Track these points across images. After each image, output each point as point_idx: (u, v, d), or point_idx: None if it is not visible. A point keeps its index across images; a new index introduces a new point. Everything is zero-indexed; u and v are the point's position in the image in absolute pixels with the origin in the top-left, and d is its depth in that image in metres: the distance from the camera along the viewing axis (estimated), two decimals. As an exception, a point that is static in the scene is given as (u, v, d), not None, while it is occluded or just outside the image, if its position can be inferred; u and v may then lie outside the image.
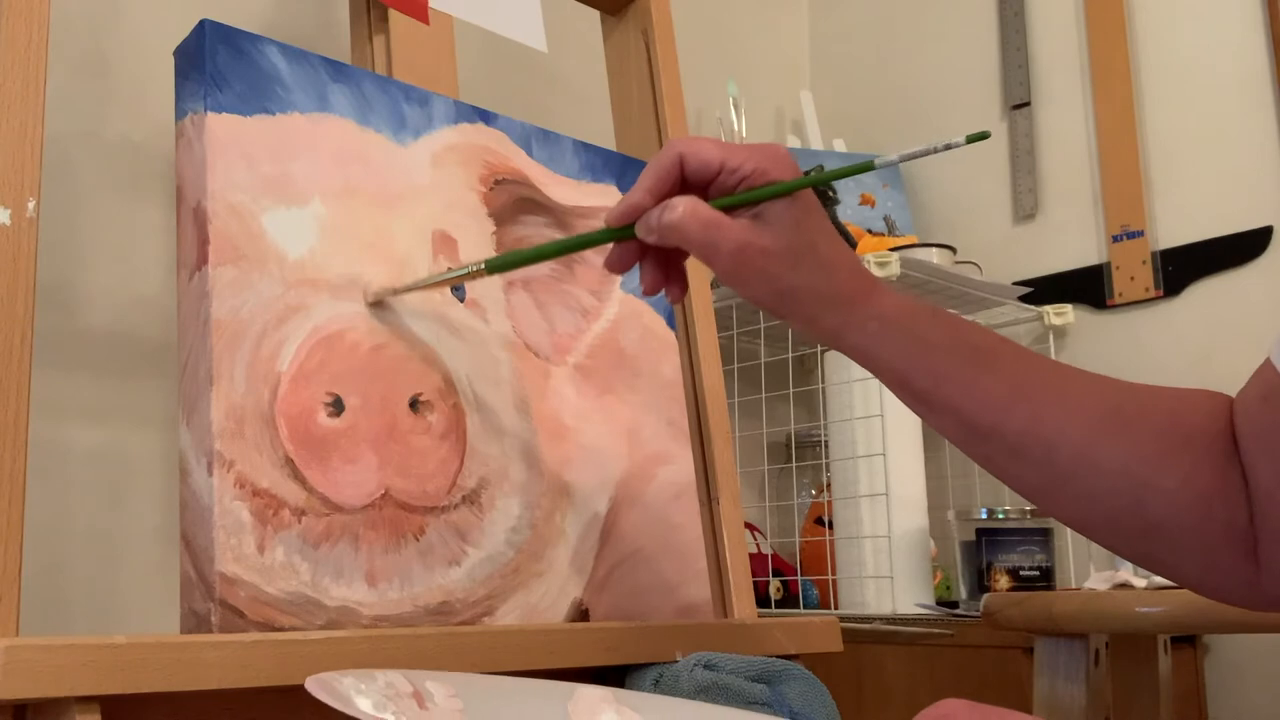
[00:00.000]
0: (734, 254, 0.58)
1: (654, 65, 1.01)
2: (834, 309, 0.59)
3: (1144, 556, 0.58)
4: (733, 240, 0.58)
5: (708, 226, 0.58)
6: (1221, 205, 1.43)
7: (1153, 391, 0.58)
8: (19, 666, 0.51)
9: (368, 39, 0.89)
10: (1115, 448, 0.55)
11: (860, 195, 1.65)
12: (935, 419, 0.60)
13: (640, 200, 0.60)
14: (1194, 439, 0.55)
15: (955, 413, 0.58)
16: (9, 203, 0.61)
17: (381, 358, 0.72)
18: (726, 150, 0.59)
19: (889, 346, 0.59)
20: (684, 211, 0.58)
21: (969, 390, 0.57)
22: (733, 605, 0.90)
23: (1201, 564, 0.55)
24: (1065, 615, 0.91)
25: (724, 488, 0.93)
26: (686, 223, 0.58)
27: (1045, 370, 0.59)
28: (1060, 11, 1.61)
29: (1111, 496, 0.55)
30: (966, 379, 0.57)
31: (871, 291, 0.59)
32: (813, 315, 0.60)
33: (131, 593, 0.98)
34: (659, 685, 0.73)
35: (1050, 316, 1.50)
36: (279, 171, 0.71)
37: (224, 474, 0.63)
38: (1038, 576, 1.22)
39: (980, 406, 0.57)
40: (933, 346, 0.58)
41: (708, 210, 0.58)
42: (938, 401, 0.59)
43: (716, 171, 0.59)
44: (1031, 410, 0.56)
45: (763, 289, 0.59)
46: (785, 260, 0.58)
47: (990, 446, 0.58)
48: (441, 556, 0.72)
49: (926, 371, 0.58)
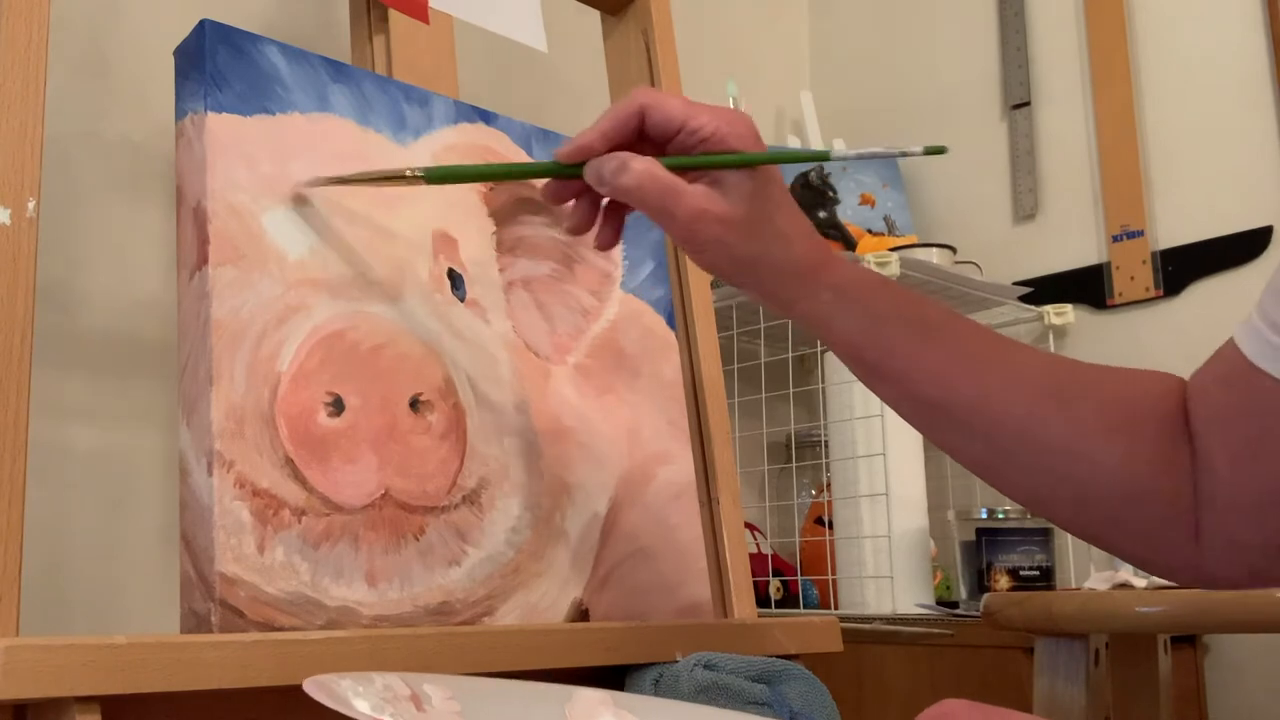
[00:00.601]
0: (690, 221, 0.57)
1: (654, 65, 1.01)
2: (789, 280, 0.59)
3: (1087, 532, 0.59)
4: (689, 207, 0.57)
5: (665, 192, 0.57)
6: (1221, 205, 1.42)
7: (1101, 370, 0.59)
8: (19, 666, 0.51)
9: (368, 39, 0.89)
10: (1059, 424, 0.55)
11: (860, 195, 1.65)
12: (884, 390, 0.61)
13: (592, 142, 0.59)
14: (1139, 418, 0.55)
15: (903, 384, 0.59)
16: (9, 203, 0.61)
17: (381, 358, 0.72)
18: (690, 109, 0.59)
19: (842, 317, 0.59)
20: (640, 173, 0.57)
21: (917, 362, 0.58)
22: (733, 605, 0.90)
23: (1143, 541, 0.56)
24: (1065, 615, 0.91)
25: (724, 488, 0.93)
26: (644, 185, 0.57)
27: (994, 345, 0.59)
28: (1060, 11, 1.61)
29: (1054, 472, 0.56)
30: (915, 351, 0.58)
31: (826, 263, 0.60)
32: (767, 285, 0.60)
33: (131, 593, 0.98)
34: (659, 685, 0.73)
35: (1050, 316, 1.50)
36: (279, 171, 0.71)
37: (224, 474, 0.63)
38: (1038, 576, 1.22)
39: (928, 379, 0.58)
40: (884, 318, 0.59)
41: (665, 174, 0.57)
42: (887, 372, 0.59)
43: (677, 130, 0.58)
44: (978, 384, 0.57)
45: (718, 257, 0.59)
46: (741, 229, 0.58)
47: (937, 418, 0.59)
48: (441, 556, 0.72)
49: (877, 343, 0.59)
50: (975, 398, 0.57)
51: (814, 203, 1.59)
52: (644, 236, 0.91)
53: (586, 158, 0.59)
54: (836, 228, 1.59)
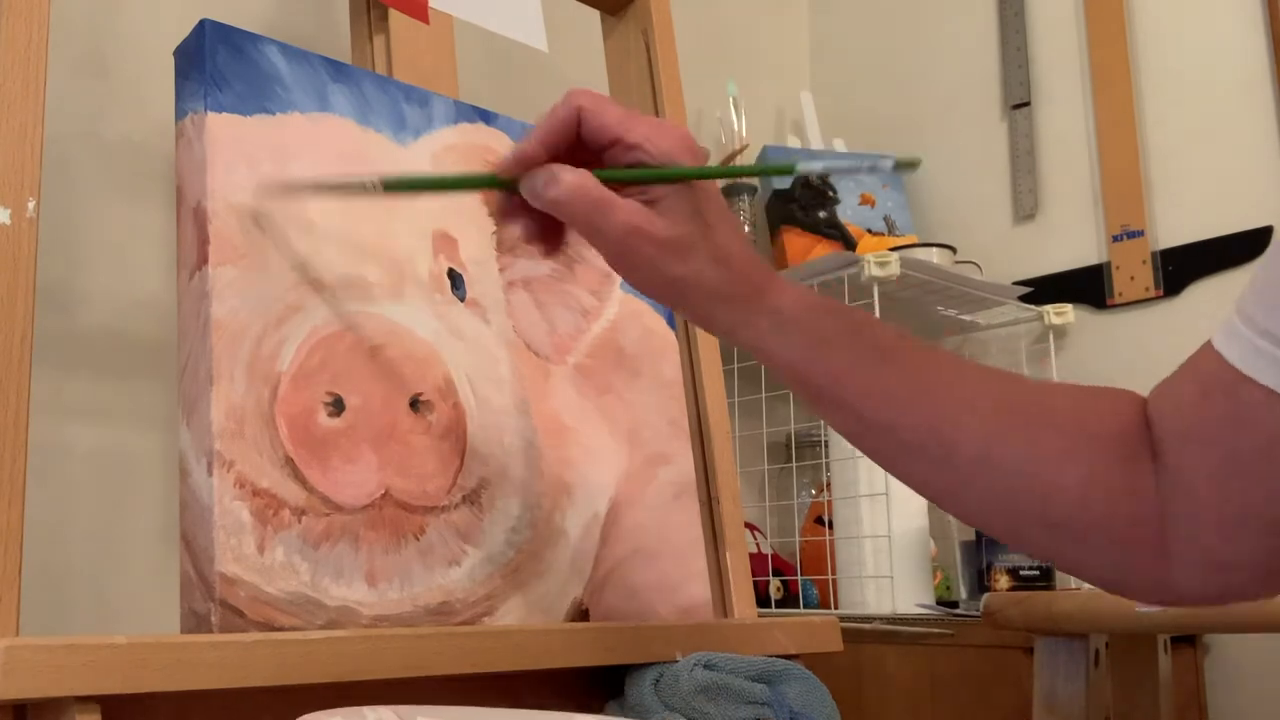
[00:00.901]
0: (620, 239, 0.55)
1: (654, 65, 1.01)
2: (724, 305, 0.57)
3: (1052, 556, 0.56)
4: (620, 224, 0.54)
5: (595, 206, 0.54)
6: (1221, 205, 1.42)
7: (1058, 390, 0.57)
8: (19, 666, 0.51)
9: (368, 39, 0.89)
10: (1015, 446, 0.53)
11: (860, 195, 1.65)
12: (830, 415, 0.58)
13: (531, 152, 0.56)
14: (1097, 437, 0.53)
15: (851, 409, 0.56)
16: (9, 203, 0.61)
17: (381, 358, 0.72)
18: (626, 123, 0.56)
19: (784, 344, 0.57)
20: (570, 186, 0.55)
21: (867, 388, 0.56)
22: (733, 605, 0.90)
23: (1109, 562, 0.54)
24: (1065, 615, 0.91)
25: (724, 488, 0.93)
26: (573, 200, 0.55)
27: (946, 368, 0.57)
28: (1060, 11, 1.61)
29: (1013, 496, 0.54)
30: (865, 376, 0.56)
31: (766, 288, 0.57)
32: (702, 309, 0.58)
33: (131, 593, 0.98)
34: (659, 685, 0.73)
35: (1050, 316, 1.50)
36: (279, 171, 0.71)
37: (224, 474, 0.63)
38: (1038, 576, 1.22)
39: (878, 404, 0.56)
40: (830, 343, 0.56)
41: (597, 188, 0.55)
42: (833, 398, 0.57)
43: (612, 141, 0.56)
44: (931, 408, 0.55)
45: (649, 278, 0.57)
46: (675, 250, 0.55)
47: (887, 444, 0.57)
48: (441, 556, 0.72)
49: (823, 369, 0.56)
50: (930, 422, 0.55)
51: (814, 202, 1.59)
52: (644, 236, 0.91)
53: (527, 168, 0.57)
54: (836, 228, 1.59)
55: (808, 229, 1.57)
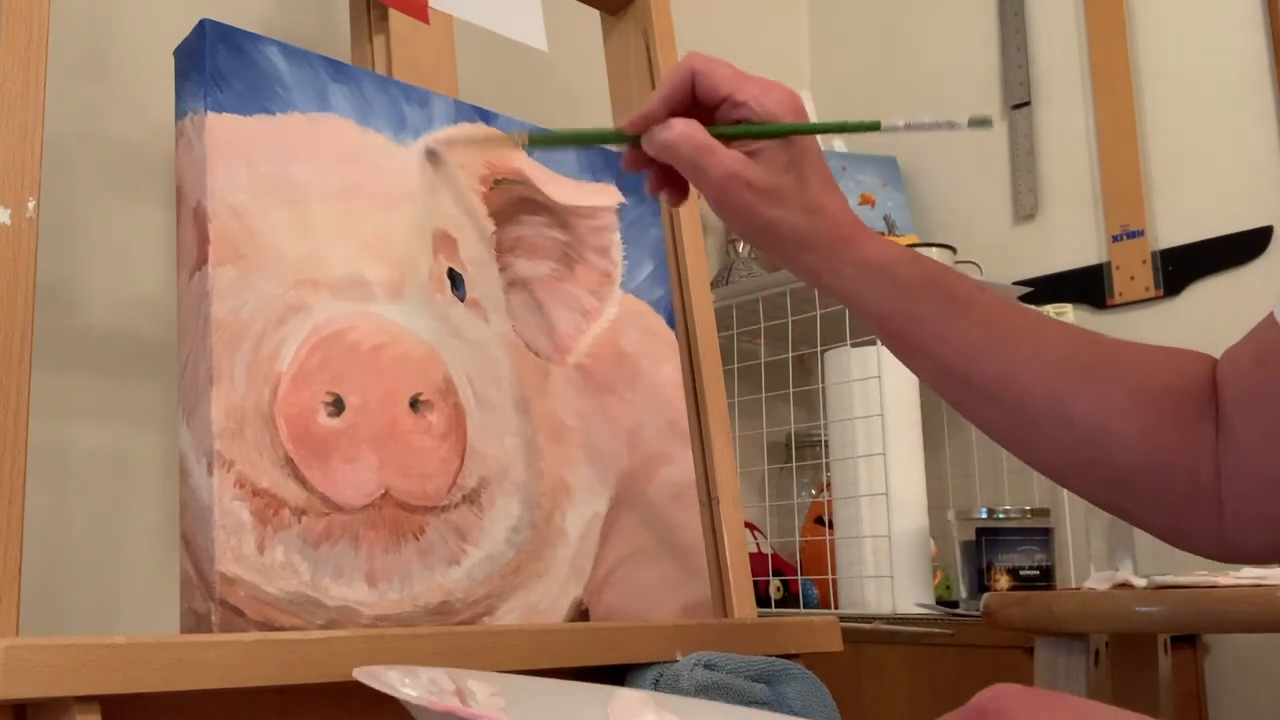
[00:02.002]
0: (720, 182, 0.60)
1: (654, 65, 1.01)
2: (812, 251, 0.61)
3: (1113, 505, 0.60)
4: (721, 169, 0.60)
5: (699, 151, 0.60)
6: (1221, 205, 1.42)
7: (1128, 346, 0.60)
8: (19, 666, 0.51)
9: (368, 39, 0.89)
10: (1084, 398, 0.56)
11: (860, 195, 1.65)
12: (912, 361, 0.62)
13: (652, 110, 0.62)
14: (1163, 393, 0.56)
15: (931, 356, 0.60)
16: (9, 203, 0.61)
17: (381, 358, 0.72)
18: (735, 82, 0.61)
19: (867, 291, 0.61)
20: (678, 133, 0.60)
21: (944, 335, 0.59)
22: (733, 605, 0.90)
23: (1167, 514, 0.57)
24: (1065, 615, 0.91)
25: (724, 488, 0.93)
26: (680, 144, 0.60)
27: (1021, 319, 0.60)
28: (1060, 11, 1.61)
29: (1080, 445, 0.57)
30: (942, 324, 0.59)
31: (852, 238, 0.61)
32: (791, 254, 0.62)
33: (131, 593, 0.98)
34: (659, 685, 0.73)
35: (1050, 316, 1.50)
36: (279, 171, 0.71)
37: (224, 474, 0.63)
38: (1038, 576, 1.22)
39: (954, 352, 0.59)
40: (910, 292, 0.60)
41: (703, 135, 0.60)
42: (914, 345, 0.61)
43: (722, 99, 0.61)
44: (1004, 358, 0.58)
45: (745, 221, 0.62)
46: (770, 197, 0.60)
47: (964, 392, 0.60)
48: (441, 556, 0.72)
49: (903, 315, 0.60)
50: (1001, 371, 0.58)
51: (814, 203, 1.59)
52: (644, 236, 0.91)
53: (648, 126, 0.62)
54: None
55: (808, 229, 1.57)
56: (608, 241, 0.89)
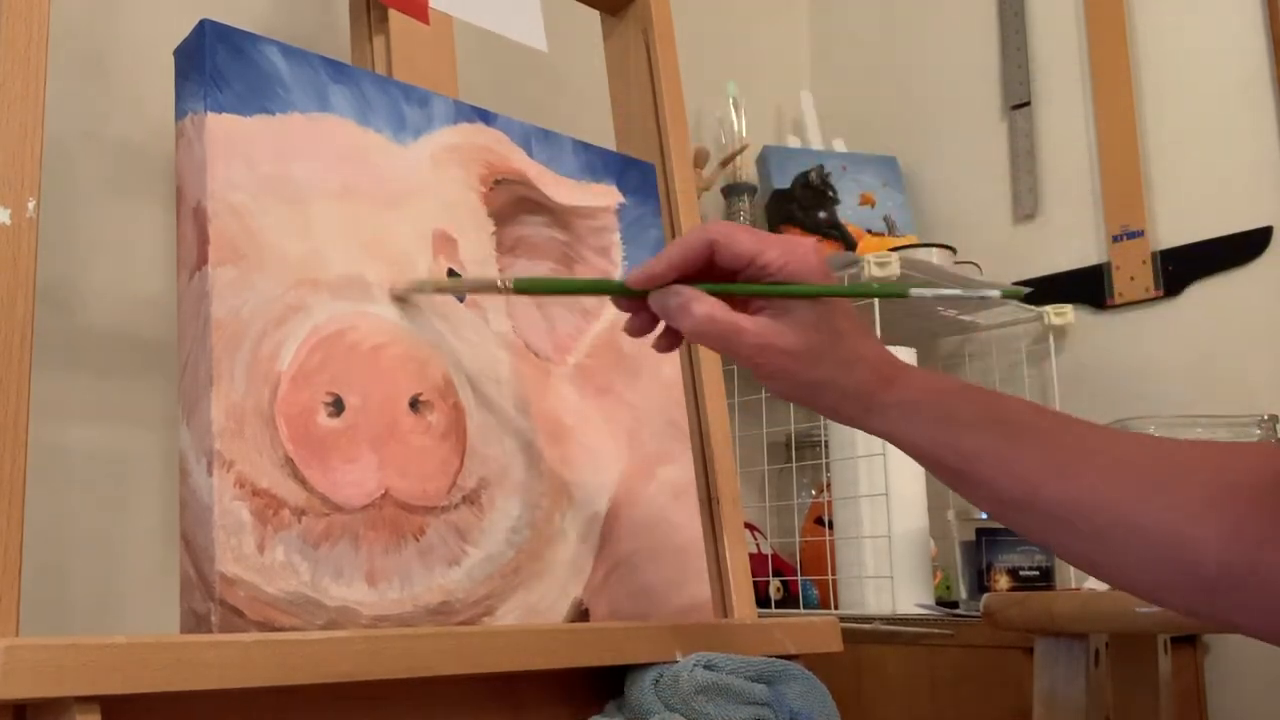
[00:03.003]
0: (752, 357, 0.60)
1: (654, 65, 1.01)
2: (855, 401, 0.61)
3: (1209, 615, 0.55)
4: (751, 343, 0.59)
5: (726, 334, 0.60)
6: (1221, 205, 1.42)
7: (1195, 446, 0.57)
8: (19, 666, 0.51)
9: (368, 39, 0.89)
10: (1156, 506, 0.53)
11: (860, 195, 1.65)
12: (969, 493, 0.60)
13: (662, 273, 0.61)
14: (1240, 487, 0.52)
15: (989, 487, 0.58)
16: (9, 203, 0.61)
17: (381, 358, 0.72)
18: (759, 244, 0.60)
19: (914, 429, 0.60)
20: (701, 319, 0.60)
21: (1001, 465, 0.57)
22: (733, 605, 0.90)
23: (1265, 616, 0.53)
24: (1065, 615, 0.91)
25: (724, 488, 0.93)
26: (705, 330, 0.60)
27: (1080, 437, 0.57)
28: (1060, 11, 1.61)
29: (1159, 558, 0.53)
30: (998, 454, 0.57)
31: (893, 380, 0.60)
32: (834, 407, 0.62)
33: (131, 593, 0.98)
34: (659, 685, 0.73)
35: (1050, 317, 1.50)
36: (279, 171, 0.71)
37: (224, 474, 0.63)
38: (1038, 576, 1.22)
39: (1014, 481, 0.57)
40: (961, 424, 0.58)
41: (724, 317, 0.59)
42: (971, 478, 0.58)
43: (746, 264, 0.61)
44: (1067, 480, 0.55)
45: (783, 385, 0.61)
46: (805, 359, 0.60)
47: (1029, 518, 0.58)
48: (441, 556, 0.72)
49: (956, 450, 0.58)
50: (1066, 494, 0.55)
51: (814, 203, 1.59)
52: (644, 236, 0.91)
53: (655, 285, 0.62)
54: (837, 228, 1.59)
55: (808, 229, 1.57)
56: (608, 242, 0.89)
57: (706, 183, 1.57)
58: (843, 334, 0.60)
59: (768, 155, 1.65)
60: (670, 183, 0.98)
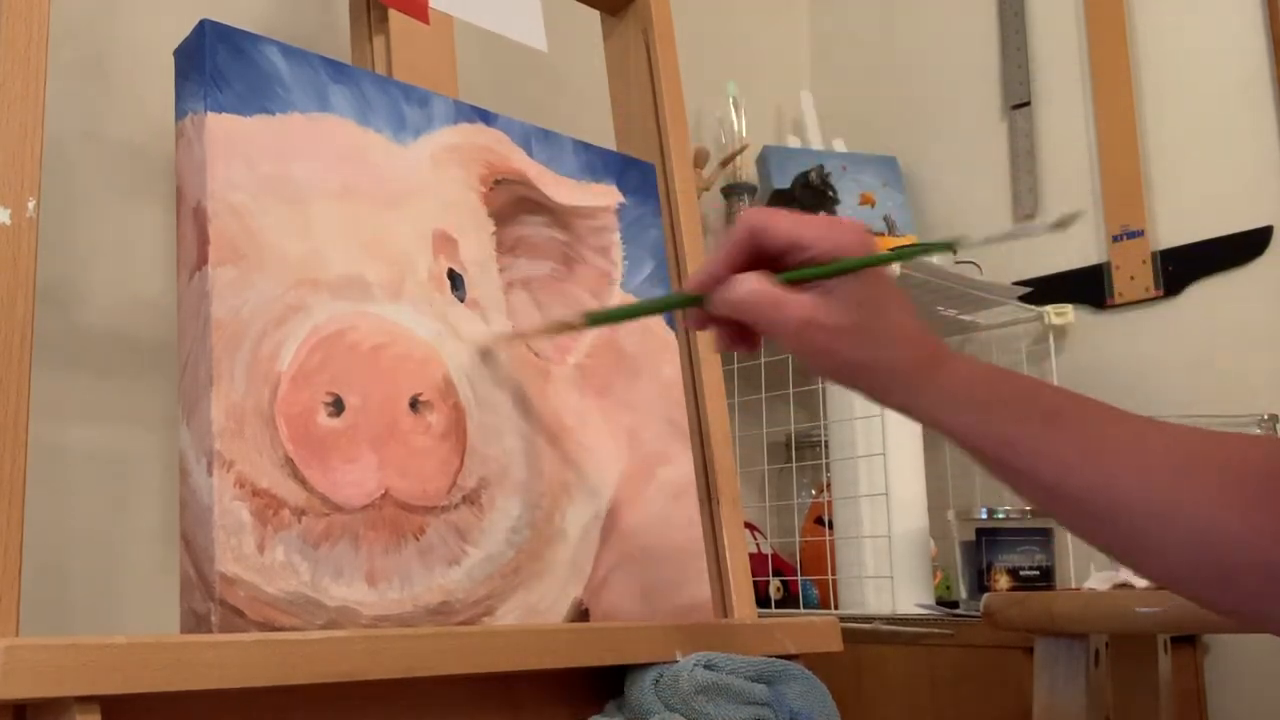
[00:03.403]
0: (797, 332, 0.60)
1: (654, 65, 1.01)
2: (897, 382, 0.60)
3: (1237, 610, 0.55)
4: (795, 318, 0.59)
5: (770, 304, 0.60)
6: (1221, 205, 1.42)
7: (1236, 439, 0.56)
8: (19, 666, 0.51)
9: (368, 39, 0.89)
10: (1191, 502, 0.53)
11: (860, 195, 1.65)
12: (1008, 480, 0.60)
13: (715, 271, 0.62)
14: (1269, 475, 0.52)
15: (1025, 475, 0.58)
16: (9, 203, 0.61)
17: (381, 358, 0.72)
18: (797, 229, 0.61)
19: (955, 415, 0.60)
20: (747, 290, 0.60)
21: (1038, 453, 0.57)
22: (733, 605, 0.90)
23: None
24: (1065, 615, 0.91)
25: (724, 488, 0.93)
26: (747, 300, 0.60)
27: (1114, 426, 0.57)
28: (1060, 11, 1.61)
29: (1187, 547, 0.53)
30: (1033, 441, 0.57)
31: (933, 363, 0.60)
32: (877, 388, 0.61)
33: (131, 593, 0.98)
34: (659, 685, 0.73)
35: (1050, 316, 1.50)
36: (279, 171, 0.71)
37: (224, 474, 0.63)
38: (1038, 576, 1.22)
39: (1049, 468, 0.57)
40: (998, 410, 0.58)
41: (769, 288, 0.60)
42: (1008, 465, 0.58)
43: (786, 248, 0.61)
44: (1098, 469, 0.55)
45: (826, 364, 0.61)
46: (849, 337, 0.59)
47: (1062, 506, 0.58)
48: (441, 556, 0.72)
49: (994, 437, 0.58)
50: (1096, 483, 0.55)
51: (814, 203, 1.59)
52: (644, 236, 0.91)
53: (713, 287, 0.62)
54: (836, 228, 1.58)
55: (808, 229, 1.57)
56: (608, 241, 0.89)
57: (706, 183, 1.57)
58: (884, 310, 0.60)
59: (768, 155, 1.64)
60: (670, 183, 0.98)
